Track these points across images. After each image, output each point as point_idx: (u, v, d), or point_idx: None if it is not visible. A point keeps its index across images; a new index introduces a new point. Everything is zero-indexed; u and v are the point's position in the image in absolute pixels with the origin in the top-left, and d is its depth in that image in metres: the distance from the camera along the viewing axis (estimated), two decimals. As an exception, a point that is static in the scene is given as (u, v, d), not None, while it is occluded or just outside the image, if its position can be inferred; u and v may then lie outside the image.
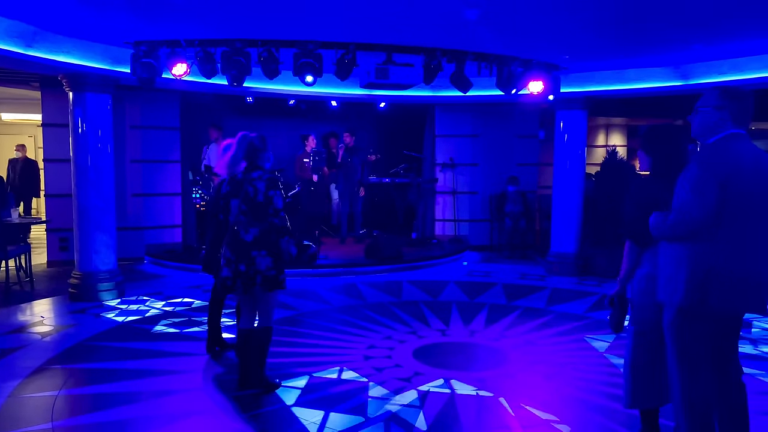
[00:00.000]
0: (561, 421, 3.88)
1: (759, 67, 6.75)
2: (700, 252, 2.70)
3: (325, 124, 11.27)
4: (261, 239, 4.02)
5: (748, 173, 2.68)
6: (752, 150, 2.77)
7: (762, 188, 2.70)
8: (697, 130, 2.89)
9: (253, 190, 4.06)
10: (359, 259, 8.80)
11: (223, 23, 5.63)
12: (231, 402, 4.13)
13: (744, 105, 2.79)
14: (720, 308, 2.71)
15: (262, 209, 4.05)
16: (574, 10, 5.06)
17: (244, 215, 4.06)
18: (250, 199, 4.05)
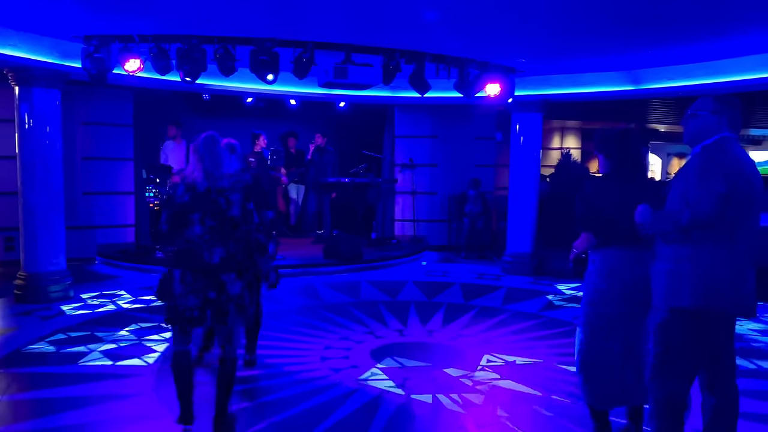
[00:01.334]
0: (515, 421, 3.93)
1: (705, 73, 7.00)
2: (704, 254, 2.75)
3: (284, 123, 11.17)
4: (229, 261, 3.39)
5: (744, 176, 2.76)
6: (744, 153, 2.87)
7: (754, 191, 2.78)
8: (692, 134, 2.94)
9: (226, 203, 3.41)
10: (318, 260, 8.75)
11: (178, 19, 5.52)
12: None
13: (736, 112, 2.90)
14: (722, 309, 2.77)
15: (233, 226, 3.42)
16: (528, 13, 5.15)
17: (209, 233, 3.38)
18: (221, 213, 3.39)
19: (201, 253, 3.35)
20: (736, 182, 2.71)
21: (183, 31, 5.87)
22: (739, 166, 2.77)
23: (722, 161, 2.74)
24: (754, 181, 2.79)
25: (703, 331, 2.81)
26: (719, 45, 6.20)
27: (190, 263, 3.35)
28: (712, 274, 2.74)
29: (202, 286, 3.35)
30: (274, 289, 4.30)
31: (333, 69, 6.19)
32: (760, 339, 5.69)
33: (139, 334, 5.59)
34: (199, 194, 3.39)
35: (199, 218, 3.38)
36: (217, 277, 3.36)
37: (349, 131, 11.79)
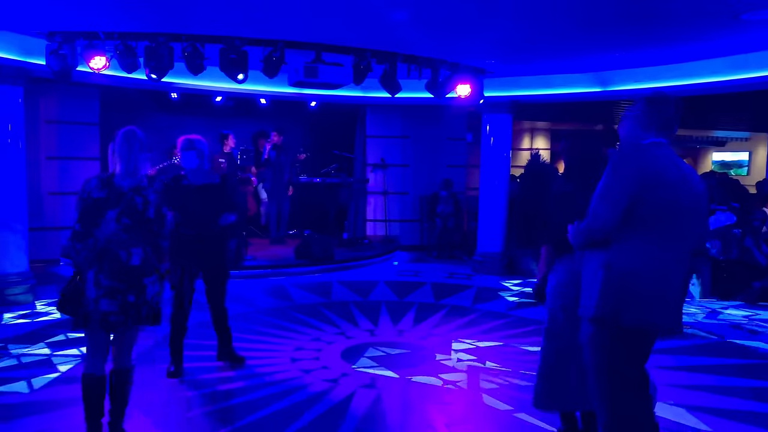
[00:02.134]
0: (483, 418, 3.96)
1: (671, 76, 7.16)
2: (615, 263, 2.62)
3: (254, 122, 11.07)
4: (148, 262, 3.22)
5: (664, 183, 2.61)
6: (671, 158, 2.70)
7: (678, 198, 2.63)
8: (624, 137, 2.86)
9: (143, 203, 3.23)
10: (289, 260, 8.69)
11: (144, 16, 5.43)
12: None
13: (666, 112, 2.74)
14: (633, 322, 2.60)
15: (150, 227, 3.25)
16: (497, 15, 5.19)
17: (127, 232, 3.19)
18: (138, 213, 3.21)
19: (118, 252, 3.15)
20: (649, 191, 2.57)
21: (150, 28, 5.78)
22: (655, 175, 2.60)
23: (629, 171, 2.61)
24: (680, 188, 2.63)
25: (624, 342, 2.65)
26: (685, 48, 6.34)
27: (108, 264, 3.13)
28: (623, 282, 2.61)
29: (124, 289, 3.14)
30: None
31: (303, 68, 6.15)
32: (722, 336, 5.84)
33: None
34: (114, 188, 3.21)
35: (115, 216, 3.17)
36: (139, 280, 3.18)
37: (321, 131, 11.74)
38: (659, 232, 2.62)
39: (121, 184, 3.22)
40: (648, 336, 2.70)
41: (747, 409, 4.10)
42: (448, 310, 6.72)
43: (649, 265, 2.61)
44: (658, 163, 2.65)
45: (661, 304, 2.62)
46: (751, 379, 4.69)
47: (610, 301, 2.62)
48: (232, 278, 7.67)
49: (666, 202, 2.60)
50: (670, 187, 2.61)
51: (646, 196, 2.58)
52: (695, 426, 3.79)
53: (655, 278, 2.61)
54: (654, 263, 2.61)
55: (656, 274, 2.61)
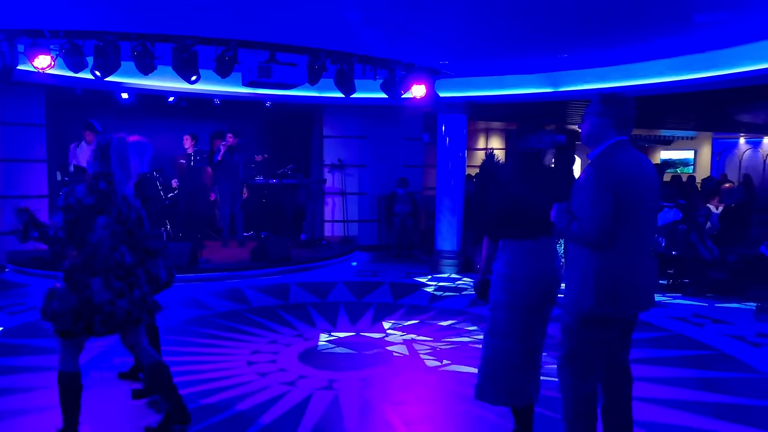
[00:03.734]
0: (440, 415, 3.99)
1: (619, 76, 7.35)
2: (604, 260, 2.78)
3: (210, 122, 10.88)
4: (138, 263, 3.37)
5: (632, 181, 2.78)
6: (633, 156, 2.87)
7: (646, 193, 2.83)
8: (585, 137, 2.96)
9: (127, 208, 3.31)
10: (245, 263, 8.57)
11: (91, 14, 5.28)
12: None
13: (624, 110, 2.87)
14: (625, 311, 2.88)
15: (136, 230, 3.35)
16: (449, 16, 5.24)
17: (119, 237, 3.28)
18: (126, 219, 3.30)
19: (116, 254, 3.24)
20: (623, 192, 2.74)
21: (98, 26, 5.63)
22: (625, 174, 2.78)
23: (609, 175, 2.76)
24: (643, 184, 2.83)
25: (610, 333, 2.89)
26: (633, 49, 6.52)
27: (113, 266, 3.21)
28: (607, 279, 2.78)
29: (129, 289, 3.28)
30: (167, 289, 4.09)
31: (257, 68, 6.09)
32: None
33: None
34: (102, 194, 3.24)
35: (106, 222, 3.22)
36: (136, 276, 3.31)
37: (277, 131, 11.64)
38: (632, 228, 2.80)
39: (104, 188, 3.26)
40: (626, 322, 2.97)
41: (694, 400, 4.24)
42: (407, 309, 6.75)
43: (629, 260, 2.81)
44: (624, 165, 2.82)
45: (640, 290, 2.87)
46: (698, 370, 4.86)
47: (608, 297, 2.79)
48: (187, 281, 7.54)
49: (635, 201, 2.79)
50: (636, 184, 2.81)
51: (621, 197, 2.74)
52: (645, 418, 3.90)
53: (634, 271, 2.83)
54: (632, 258, 2.82)
55: (635, 268, 2.84)
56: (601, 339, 2.89)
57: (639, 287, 2.86)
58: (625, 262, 2.80)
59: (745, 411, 4.05)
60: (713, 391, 4.41)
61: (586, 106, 3.05)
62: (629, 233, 2.79)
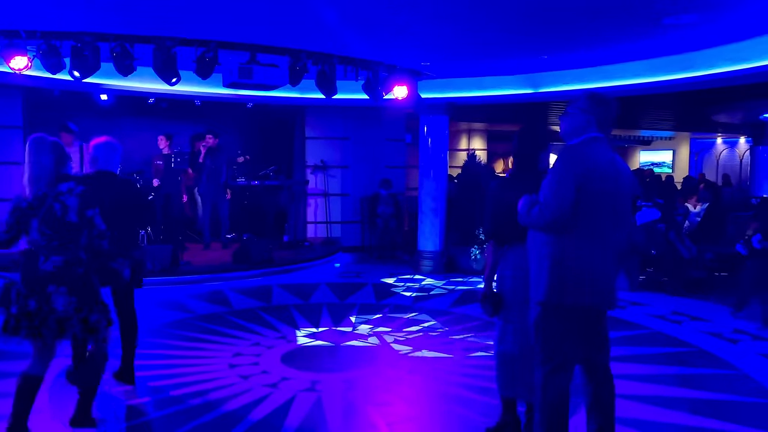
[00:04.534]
0: (424, 416, 4.00)
1: (598, 78, 7.44)
2: (559, 250, 2.82)
3: (191, 124, 10.81)
4: (64, 271, 3.18)
5: (601, 175, 2.81)
6: (608, 153, 2.91)
7: (612, 190, 2.84)
8: (565, 131, 3.02)
9: (61, 208, 3.18)
10: (227, 265, 8.53)
11: (69, 14, 5.21)
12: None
13: (607, 111, 2.94)
14: (575, 304, 2.84)
15: (73, 232, 3.20)
16: (430, 18, 5.26)
17: (46, 239, 3.17)
18: (56, 220, 3.17)
19: (39, 256, 3.19)
20: (589, 183, 2.77)
21: (75, 27, 5.57)
22: (594, 167, 2.81)
23: (574, 165, 2.81)
24: (612, 182, 2.85)
25: (567, 324, 2.88)
26: (610, 51, 6.61)
27: (25, 268, 3.21)
28: (566, 269, 2.81)
29: (26, 294, 3.18)
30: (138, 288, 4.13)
31: (238, 69, 6.07)
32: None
33: None
34: (39, 197, 3.22)
35: (37, 225, 3.19)
36: (43, 287, 3.17)
37: (259, 133, 11.59)
38: (594, 221, 2.82)
39: (42, 192, 3.23)
40: (586, 317, 2.92)
41: (672, 396, 4.30)
42: (390, 309, 6.76)
43: (587, 252, 2.83)
44: (595, 158, 2.86)
45: (596, 287, 2.85)
46: (676, 367, 4.93)
47: (556, 287, 2.83)
48: (168, 284, 7.48)
49: (602, 195, 2.81)
50: (605, 180, 2.83)
51: (587, 188, 2.78)
52: (624, 415, 3.95)
53: (592, 264, 2.84)
54: (590, 251, 2.83)
55: (593, 261, 2.84)
56: (561, 331, 2.88)
57: (594, 282, 2.84)
58: (579, 254, 2.81)
59: (722, 406, 4.12)
60: (691, 387, 4.48)
61: (566, 106, 3.09)
62: (589, 227, 2.81)
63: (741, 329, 5.97)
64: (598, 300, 2.89)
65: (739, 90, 7.87)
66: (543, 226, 2.87)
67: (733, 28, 5.59)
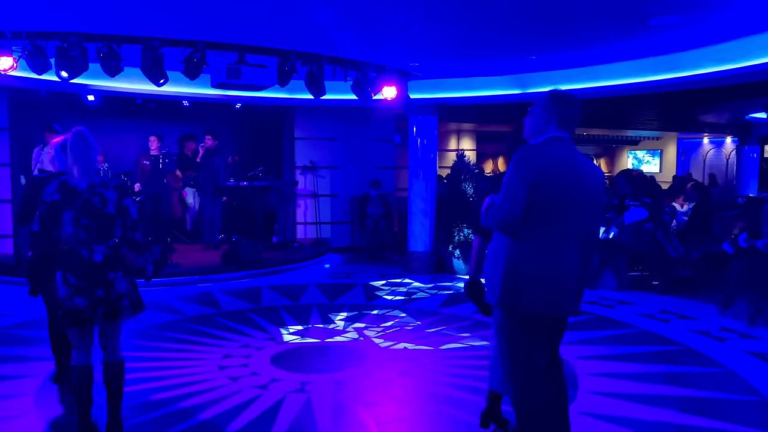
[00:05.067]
0: (413, 416, 4.01)
1: (585, 78, 7.48)
2: (515, 253, 2.73)
3: (179, 125, 10.75)
4: (114, 258, 3.36)
5: (559, 176, 2.72)
6: (570, 153, 2.81)
7: (572, 192, 2.74)
8: (527, 131, 2.98)
9: (101, 201, 3.34)
10: (216, 266, 8.49)
11: (55, 14, 5.17)
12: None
13: (569, 110, 2.84)
14: (531, 308, 2.73)
15: (111, 223, 3.37)
16: (419, 18, 5.27)
17: (86, 231, 3.31)
18: (96, 212, 3.32)
19: (79, 250, 3.29)
20: (543, 185, 2.68)
21: (61, 27, 5.52)
22: (551, 169, 2.73)
23: (529, 165, 2.73)
24: (573, 183, 2.75)
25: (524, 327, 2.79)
26: (598, 51, 6.65)
27: (70, 263, 3.29)
28: (522, 273, 2.73)
29: (86, 285, 3.30)
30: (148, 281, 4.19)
31: (226, 69, 6.04)
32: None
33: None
34: (68, 190, 3.32)
35: (72, 217, 3.30)
36: (104, 276, 3.32)
37: (248, 133, 11.55)
38: (553, 225, 2.74)
39: (72, 184, 3.33)
40: (545, 323, 2.80)
41: (661, 394, 4.33)
42: (380, 310, 6.76)
43: (543, 256, 2.73)
44: (553, 159, 2.77)
45: (554, 293, 2.74)
46: (664, 365, 4.97)
47: (511, 290, 2.75)
48: (156, 286, 7.46)
49: (560, 197, 2.72)
50: (564, 181, 2.73)
51: (541, 190, 2.69)
52: (612, 413, 3.98)
53: (548, 269, 2.73)
54: (547, 255, 2.74)
55: (549, 265, 2.74)
56: (523, 335, 2.79)
57: (552, 286, 2.73)
58: (537, 258, 2.72)
59: (709, 404, 4.16)
60: (679, 385, 4.51)
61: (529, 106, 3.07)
62: (546, 230, 2.73)
63: (728, 327, 6.02)
64: (556, 307, 2.76)
65: (725, 90, 7.94)
66: (497, 228, 2.82)
67: (719, 29, 5.64)
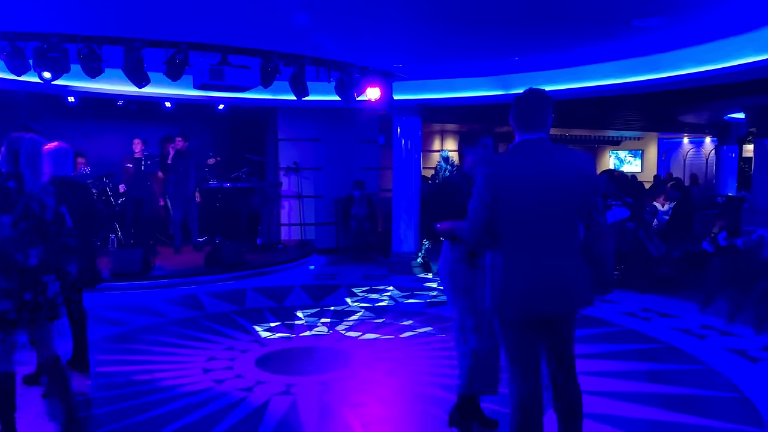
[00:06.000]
0: (398, 416, 4.01)
1: (567, 79, 7.55)
2: (499, 260, 2.71)
3: (160, 126, 10.66)
4: (47, 262, 3.35)
5: (527, 180, 2.65)
6: (539, 154, 2.71)
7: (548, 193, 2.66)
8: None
9: (41, 207, 3.34)
10: (200, 269, 8.43)
11: (34, 15, 5.10)
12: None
13: (525, 106, 2.75)
14: (515, 315, 2.71)
15: (47, 229, 3.36)
16: (401, 19, 5.28)
17: (22, 235, 3.27)
18: (36, 217, 3.31)
19: (13, 253, 3.24)
20: (508, 190, 2.64)
21: (41, 28, 5.45)
22: (512, 172, 2.67)
23: (490, 174, 2.67)
24: (544, 185, 2.66)
25: (514, 333, 2.76)
26: (580, 52, 6.71)
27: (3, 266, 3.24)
28: (503, 279, 2.70)
29: (18, 288, 3.25)
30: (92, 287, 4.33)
31: (209, 70, 6.01)
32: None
33: None
34: (5, 193, 3.28)
35: (10, 221, 3.25)
36: (37, 279, 3.29)
37: (231, 134, 11.49)
38: (529, 229, 2.68)
39: (11, 187, 3.28)
40: (537, 325, 2.77)
41: (643, 391, 4.38)
42: (365, 311, 6.75)
43: (525, 261, 2.68)
44: (515, 165, 2.70)
45: (539, 294, 2.69)
46: (647, 363, 5.02)
47: (496, 297, 2.73)
48: (140, 288, 7.40)
49: (527, 199, 2.65)
50: (530, 183, 2.65)
51: (505, 195, 2.64)
52: (595, 410, 4.01)
53: (533, 272, 2.68)
54: (528, 261, 2.68)
55: (533, 269, 2.68)
56: (515, 338, 2.77)
57: (537, 291, 2.68)
58: (517, 263, 2.68)
59: (691, 401, 4.21)
60: (661, 382, 4.56)
61: None
62: (523, 234, 2.68)
63: (708, 325, 6.11)
64: (544, 309, 2.72)
65: (705, 91, 8.06)
66: (471, 242, 2.79)
67: (699, 31, 5.72)
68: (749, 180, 12.74)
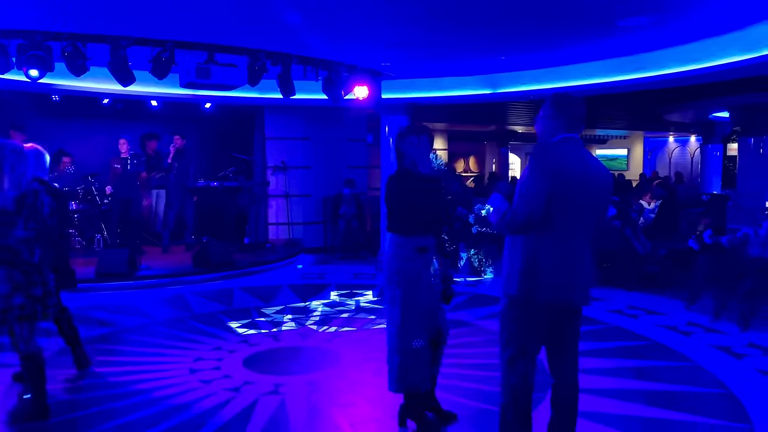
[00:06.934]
0: (387, 416, 4.01)
1: (554, 78, 7.59)
2: (532, 246, 2.85)
3: (146, 125, 10.57)
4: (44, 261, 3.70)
5: (573, 174, 2.83)
6: (578, 152, 2.94)
7: (584, 189, 2.86)
8: (539, 136, 3.08)
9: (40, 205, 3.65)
10: (187, 268, 8.38)
11: (17, 12, 5.04)
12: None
13: (575, 110, 2.98)
14: (545, 299, 2.86)
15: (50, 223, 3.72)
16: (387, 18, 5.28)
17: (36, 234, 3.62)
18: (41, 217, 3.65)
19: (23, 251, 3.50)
20: (558, 181, 2.79)
21: (25, 25, 5.39)
22: (562, 166, 2.83)
23: (543, 167, 2.83)
24: (585, 181, 2.86)
25: (533, 318, 2.89)
26: (566, 52, 6.75)
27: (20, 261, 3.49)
28: (536, 265, 2.84)
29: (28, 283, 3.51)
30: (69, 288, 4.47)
31: (195, 69, 5.98)
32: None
33: None
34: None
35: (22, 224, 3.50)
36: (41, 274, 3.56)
37: (218, 133, 11.43)
38: (568, 220, 2.84)
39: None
40: (555, 312, 2.94)
41: (630, 388, 4.41)
42: (354, 310, 6.75)
43: (558, 250, 2.86)
44: (567, 158, 2.88)
45: (568, 284, 2.89)
46: (633, 360, 5.06)
47: (528, 282, 2.86)
48: (126, 288, 7.34)
49: (574, 194, 2.83)
50: (576, 180, 2.84)
51: (558, 188, 2.80)
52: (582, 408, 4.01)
53: (563, 262, 2.87)
54: (562, 249, 2.86)
55: (564, 258, 2.87)
56: (527, 319, 2.90)
57: (566, 279, 2.87)
58: (552, 251, 2.84)
59: (677, 398, 4.25)
60: (648, 379, 4.60)
61: (527, 105, 3.15)
62: (562, 224, 2.83)
63: (694, 322, 6.16)
64: (568, 297, 2.92)
65: (689, 90, 8.13)
66: (513, 232, 2.91)
67: (684, 31, 5.77)
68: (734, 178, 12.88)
